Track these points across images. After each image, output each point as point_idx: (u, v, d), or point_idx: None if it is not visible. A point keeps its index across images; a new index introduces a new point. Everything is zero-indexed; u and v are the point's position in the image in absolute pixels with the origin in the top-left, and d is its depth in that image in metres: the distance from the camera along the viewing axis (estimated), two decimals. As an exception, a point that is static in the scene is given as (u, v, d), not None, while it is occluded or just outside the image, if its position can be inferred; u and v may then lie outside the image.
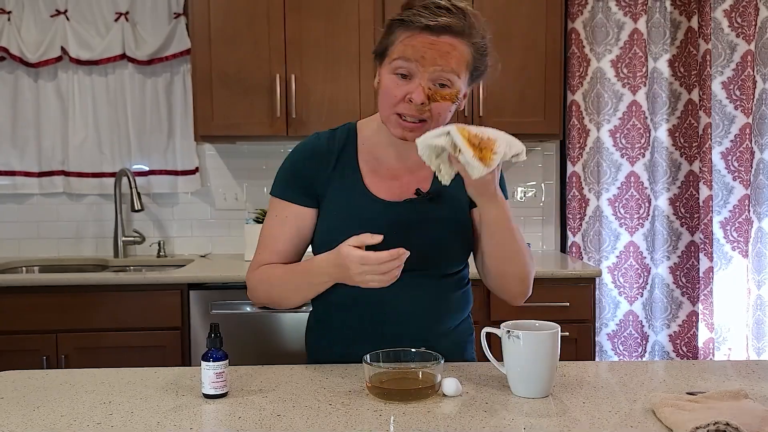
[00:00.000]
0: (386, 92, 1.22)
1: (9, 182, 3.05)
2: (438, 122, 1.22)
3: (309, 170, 1.33)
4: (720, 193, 3.03)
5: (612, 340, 3.03)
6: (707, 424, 0.91)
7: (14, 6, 2.95)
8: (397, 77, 1.20)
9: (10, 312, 2.46)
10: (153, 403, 1.11)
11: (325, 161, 1.33)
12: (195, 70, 2.75)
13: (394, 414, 1.05)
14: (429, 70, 1.18)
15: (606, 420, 1.02)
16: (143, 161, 3.10)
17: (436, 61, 1.17)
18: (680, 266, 3.04)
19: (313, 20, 2.73)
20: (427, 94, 1.19)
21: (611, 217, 3.02)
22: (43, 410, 1.08)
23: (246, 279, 1.38)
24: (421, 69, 1.18)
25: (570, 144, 3.00)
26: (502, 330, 1.13)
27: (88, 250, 3.12)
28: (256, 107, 2.75)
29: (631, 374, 1.25)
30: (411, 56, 1.18)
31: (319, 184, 1.33)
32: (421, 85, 1.18)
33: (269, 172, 3.12)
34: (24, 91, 3.02)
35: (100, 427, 1.01)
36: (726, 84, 2.99)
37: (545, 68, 2.80)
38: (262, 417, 1.04)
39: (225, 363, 1.13)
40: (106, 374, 1.26)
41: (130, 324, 2.48)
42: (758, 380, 1.22)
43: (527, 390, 1.12)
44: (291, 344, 2.49)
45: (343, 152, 1.34)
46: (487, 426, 1.00)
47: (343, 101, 2.76)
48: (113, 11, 2.99)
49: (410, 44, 1.18)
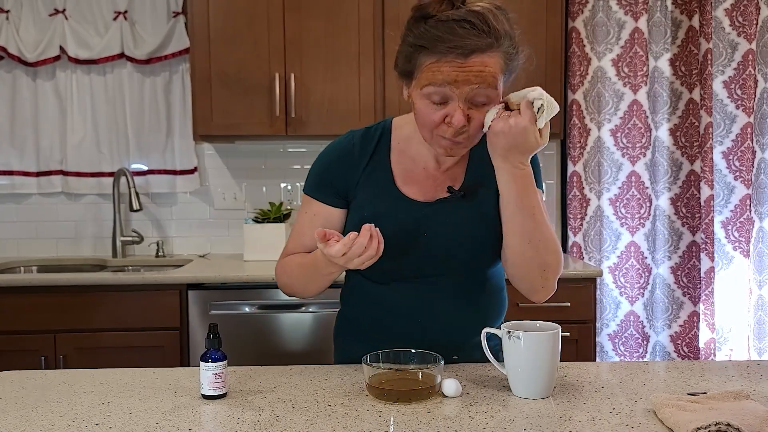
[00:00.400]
0: (423, 117, 1.18)
1: (7, 182, 3.04)
2: (479, 134, 1.19)
3: (338, 172, 1.32)
4: (721, 192, 3.03)
5: (613, 341, 3.03)
6: (708, 424, 0.91)
7: (13, 5, 2.95)
8: (431, 103, 1.15)
9: (8, 312, 2.45)
10: (152, 403, 1.11)
11: (355, 163, 1.32)
12: (194, 70, 2.74)
13: (394, 414, 1.04)
14: (465, 91, 1.12)
15: (607, 421, 1.02)
16: (142, 161, 3.09)
17: (470, 81, 1.12)
18: (681, 266, 3.04)
19: (312, 20, 2.72)
20: (466, 114, 1.14)
21: (612, 217, 3.01)
22: (41, 410, 1.08)
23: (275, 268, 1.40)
24: (456, 91, 1.12)
25: (571, 143, 3.00)
26: (503, 330, 1.13)
27: (86, 250, 3.12)
28: (255, 107, 2.74)
29: (632, 375, 1.24)
30: (442, 82, 1.12)
31: (348, 186, 1.32)
32: (459, 107, 1.13)
33: (268, 172, 3.13)
34: (22, 91, 3.02)
35: (98, 427, 1.01)
36: (727, 83, 2.98)
37: (546, 67, 2.79)
38: (261, 418, 1.04)
39: (224, 363, 1.12)
40: (105, 375, 1.26)
41: (129, 324, 2.48)
42: (760, 381, 1.21)
43: (528, 390, 1.12)
44: (291, 344, 2.49)
45: (375, 153, 1.32)
46: (487, 426, 1.00)
47: (342, 101, 2.75)
48: (112, 10, 2.98)
49: (438, 70, 1.12)
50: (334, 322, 1.47)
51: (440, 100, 1.14)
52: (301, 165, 3.12)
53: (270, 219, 2.83)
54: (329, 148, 1.36)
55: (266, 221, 2.83)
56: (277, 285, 1.39)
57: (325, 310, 2.46)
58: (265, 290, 2.49)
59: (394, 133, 1.34)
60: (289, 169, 3.13)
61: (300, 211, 1.38)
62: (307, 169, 3.49)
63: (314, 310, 2.48)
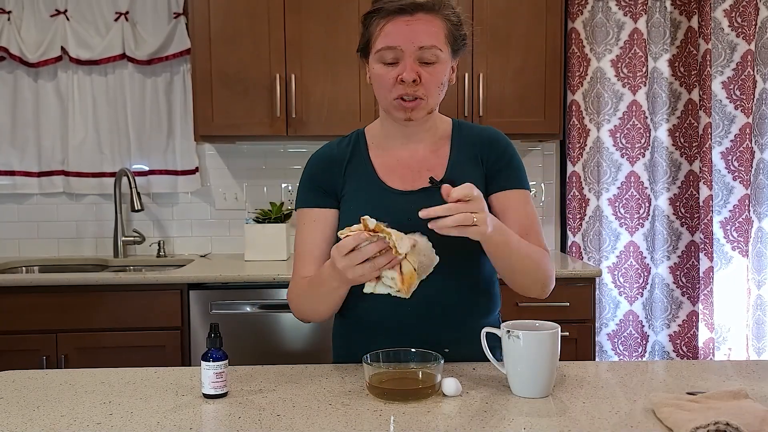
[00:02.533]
0: (379, 81, 1.27)
1: (9, 182, 3.05)
2: (434, 98, 1.28)
3: (324, 174, 1.38)
4: (720, 192, 3.03)
5: (612, 340, 3.03)
6: (707, 424, 0.91)
7: (14, 6, 2.95)
8: (385, 66, 1.25)
9: (9, 312, 2.46)
10: (153, 403, 1.11)
11: (338, 163, 1.38)
12: (195, 70, 2.75)
13: (394, 414, 1.05)
14: (412, 50, 1.22)
15: (606, 420, 1.02)
16: (143, 161, 3.10)
17: (417, 37, 1.22)
18: (680, 266, 3.04)
19: (313, 20, 2.73)
20: (416, 71, 1.23)
21: (611, 217, 3.01)
22: (43, 410, 1.08)
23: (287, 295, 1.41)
24: (404, 51, 1.22)
25: (570, 144, 3.00)
26: (502, 330, 1.13)
27: (87, 250, 3.12)
28: (256, 107, 2.75)
29: (631, 374, 1.25)
30: (392, 41, 1.23)
31: (336, 185, 1.37)
32: (409, 63, 1.22)
33: (269, 172, 3.13)
34: (24, 91, 3.02)
35: (100, 427, 1.01)
36: (726, 84, 2.99)
37: (545, 68, 2.80)
38: (261, 417, 1.04)
39: (225, 363, 1.13)
40: (106, 374, 1.26)
41: (130, 324, 2.48)
42: (758, 380, 1.21)
43: (527, 390, 1.12)
44: (291, 344, 2.49)
45: (354, 151, 1.38)
46: (487, 426, 1.00)
47: (343, 101, 2.76)
48: (113, 11, 2.99)
49: (389, 31, 1.23)
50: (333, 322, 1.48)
51: (392, 59, 1.24)
52: (302, 165, 3.07)
53: (271, 219, 2.84)
54: (310, 160, 1.43)
55: (267, 221, 2.84)
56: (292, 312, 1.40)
57: (326, 310, 2.47)
58: (266, 290, 2.50)
59: (367, 135, 1.41)
60: (290, 170, 3.14)
61: (297, 228, 1.40)
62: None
63: (314, 310, 2.48)
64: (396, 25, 1.23)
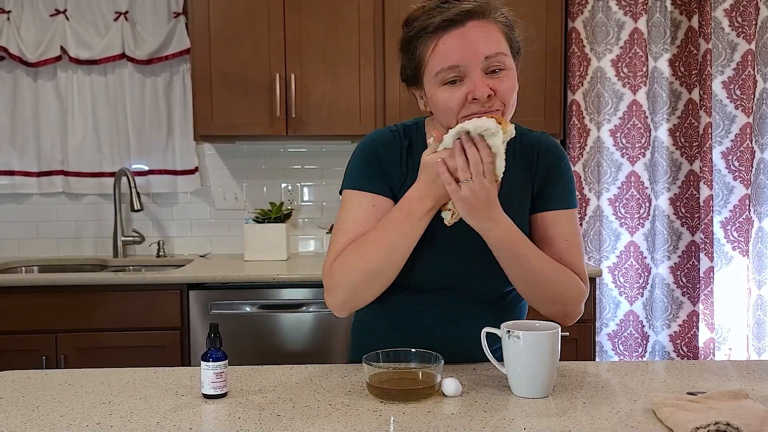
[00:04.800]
0: (445, 105, 1.12)
1: (8, 182, 3.05)
2: (511, 107, 1.14)
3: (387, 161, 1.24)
4: (720, 192, 3.03)
5: (612, 340, 3.03)
6: (708, 424, 0.91)
7: (13, 5, 2.95)
8: (448, 87, 1.11)
9: (9, 312, 2.46)
10: (152, 403, 1.11)
11: (398, 153, 1.25)
12: (194, 70, 2.75)
13: (394, 414, 1.04)
14: (477, 62, 1.09)
15: (606, 420, 1.02)
16: (142, 161, 3.09)
17: (478, 48, 1.08)
18: (681, 266, 3.04)
19: (312, 20, 2.73)
20: (488, 85, 1.09)
21: (611, 217, 3.01)
22: (42, 410, 1.08)
23: (324, 274, 1.23)
24: (469, 66, 1.09)
25: (570, 144, 3.00)
26: (503, 330, 1.13)
27: (87, 250, 3.12)
28: (255, 107, 2.75)
29: (632, 374, 1.25)
30: (452, 60, 1.09)
31: (395, 172, 1.24)
32: (479, 77, 1.09)
33: (269, 172, 3.13)
34: (23, 91, 3.02)
35: (99, 427, 1.01)
36: (726, 83, 2.99)
37: (545, 68, 2.80)
38: (261, 417, 1.04)
39: (224, 363, 1.12)
40: (106, 374, 1.26)
41: (130, 324, 2.48)
42: (759, 380, 1.21)
43: (527, 390, 1.12)
44: (291, 344, 2.49)
45: (411, 147, 1.26)
46: (487, 426, 1.00)
47: (343, 101, 2.76)
48: (113, 11, 2.99)
49: (443, 49, 1.10)
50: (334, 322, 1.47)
51: (455, 77, 1.10)
52: (302, 165, 3.12)
53: (270, 219, 2.84)
54: (370, 140, 1.27)
55: (267, 221, 2.84)
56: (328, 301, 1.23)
57: (326, 310, 2.46)
58: (266, 290, 2.49)
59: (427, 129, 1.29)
60: (290, 169, 3.14)
61: (348, 208, 1.24)
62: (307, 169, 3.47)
63: (315, 310, 2.48)
64: (450, 41, 1.09)
